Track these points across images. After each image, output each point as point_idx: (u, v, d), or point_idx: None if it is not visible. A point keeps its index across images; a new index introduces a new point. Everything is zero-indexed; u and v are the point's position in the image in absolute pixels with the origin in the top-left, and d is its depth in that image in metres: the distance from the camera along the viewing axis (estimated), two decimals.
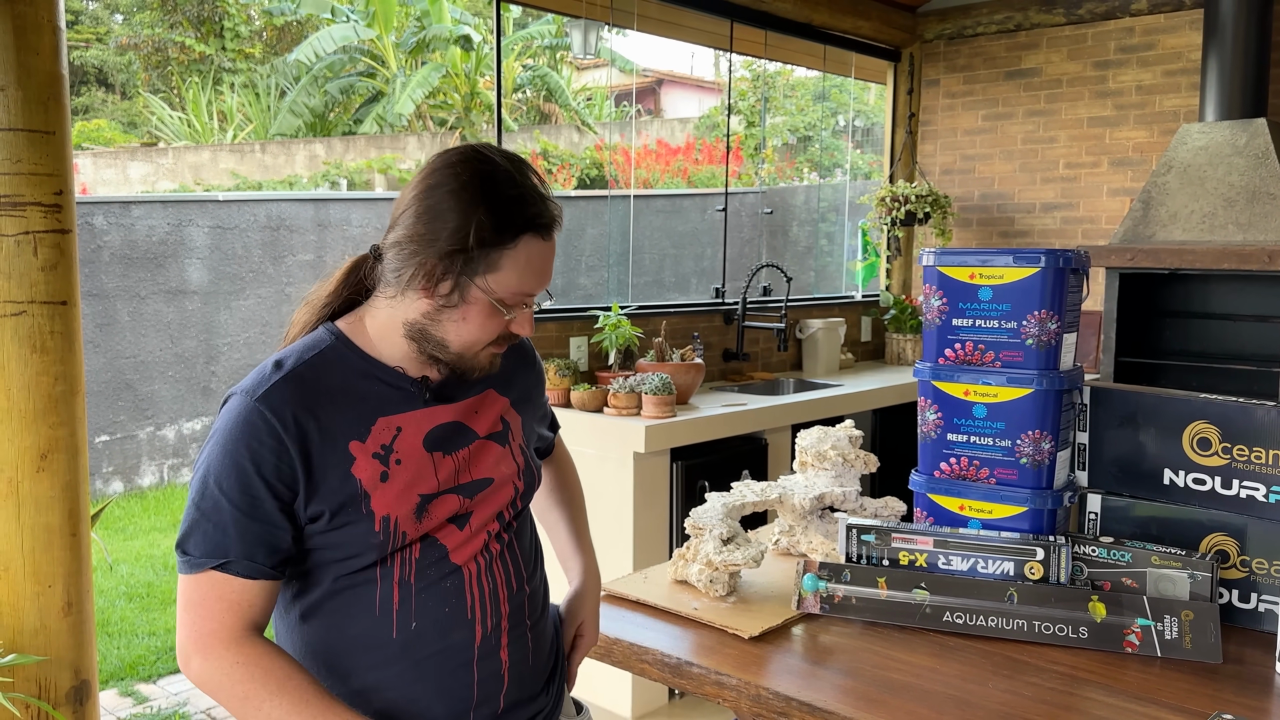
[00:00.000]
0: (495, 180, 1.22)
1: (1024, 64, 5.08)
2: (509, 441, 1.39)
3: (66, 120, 2.32)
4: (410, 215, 1.23)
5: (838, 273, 7.92)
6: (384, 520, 1.23)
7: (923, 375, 1.86)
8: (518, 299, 1.26)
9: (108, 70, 16.41)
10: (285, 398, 1.21)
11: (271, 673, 1.18)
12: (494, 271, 1.22)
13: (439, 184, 1.22)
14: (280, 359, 1.26)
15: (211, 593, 1.19)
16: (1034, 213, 5.10)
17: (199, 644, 1.19)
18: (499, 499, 1.35)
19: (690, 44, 4.64)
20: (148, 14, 15.19)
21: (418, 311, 1.25)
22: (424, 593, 1.26)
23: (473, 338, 1.26)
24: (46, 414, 2.30)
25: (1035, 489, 1.75)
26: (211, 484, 1.19)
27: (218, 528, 1.18)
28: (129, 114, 15.59)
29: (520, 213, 1.22)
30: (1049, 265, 1.72)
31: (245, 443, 1.18)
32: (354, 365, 1.27)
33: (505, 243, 1.21)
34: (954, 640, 1.62)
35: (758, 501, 1.99)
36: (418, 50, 13.12)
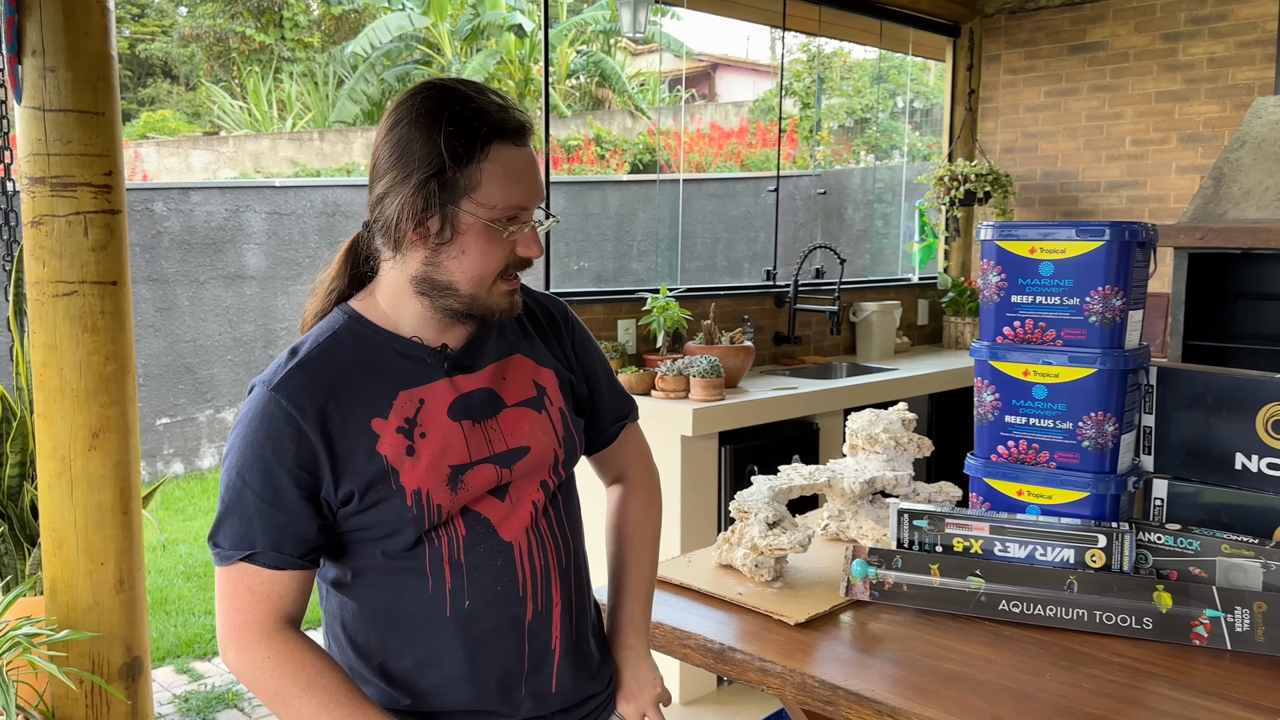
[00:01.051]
0: (450, 98, 1.17)
1: (1089, 37, 4.92)
2: (545, 406, 1.34)
3: (116, 101, 2.33)
4: (383, 164, 1.19)
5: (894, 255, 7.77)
6: (415, 494, 1.20)
7: (980, 354, 1.79)
8: (511, 214, 1.20)
9: (172, 62, 16.72)
10: (301, 384, 1.19)
11: (303, 668, 1.17)
12: (475, 189, 1.17)
13: (398, 120, 1.19)
14: (296, 345, 1.24)
15: (241, 584, 1.18)
16: (1099, 191, 4.94)
17: (233, 636, 1.19)
18: (540, 468, 1.31)
19: (743, 21, 4.55)
20: (210, 5, 15.43)
21: (418, 261, 1.21)
22: (475, 570, 1.24)
23: (478, 270, 1.21)
24: (98, 393, 2.32)
25: (1098, 473, 1.68)
26: (235, 476, 1.18)
27: (243, 519, 1.17)
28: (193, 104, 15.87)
29: (483, 121, 1.17)
30: (1114, 238, 1.64)
31: (265, 433, 1.17)
32: (369, 340, 1.24)
33: (476, 156, 1.16)
34: (1010, 630, 1.56)
35: (805, 485, 1.93)
36: (472, 37, 13.16)
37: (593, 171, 10.95)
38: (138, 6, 17.94)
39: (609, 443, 1.49)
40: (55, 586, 2.36)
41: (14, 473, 2.69)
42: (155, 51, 16.64)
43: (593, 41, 14.41)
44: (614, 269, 8.29)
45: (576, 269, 8.15)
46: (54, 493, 2.33)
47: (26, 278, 2.31)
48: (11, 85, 2.24)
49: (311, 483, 1.18)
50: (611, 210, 8.52)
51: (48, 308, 2.28)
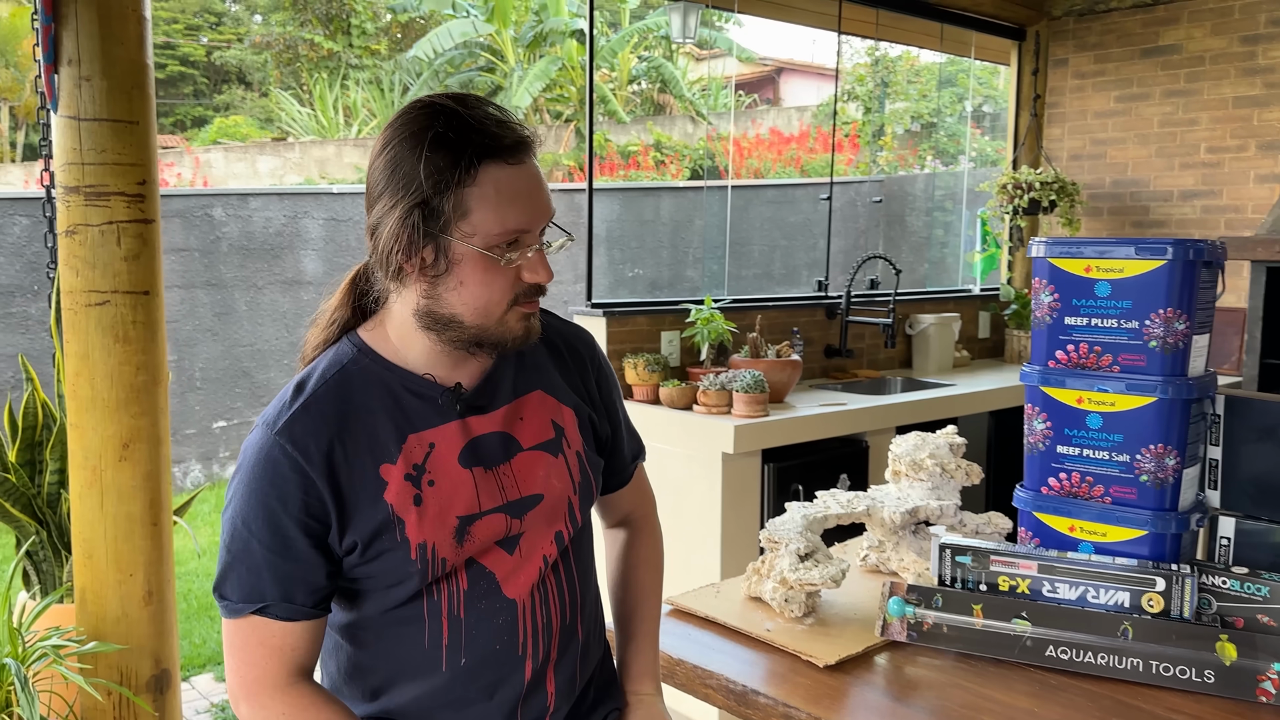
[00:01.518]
0: (436, 117, 1.08)
1: (1162, 40, 4.71)
2: (562, 449, 1.26)
3: (151, 110, 2.32)
4: (374, 191, 1.11)
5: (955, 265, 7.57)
6: (420, 548, 1.13)
7: (1030, 380, 1.67)
8: (509, 239, 1.10)
9: (246, 69, 17.08)
10: (307, 428, 1.11)
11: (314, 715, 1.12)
12: (465, 217, 1.08)
13: (387, 142, 1.10)
14: (302, 380, 1.17)
15: (253, 638, 1.13)
16: (1171, 201, 4.73)
17: (245, 691, 1.14)
18: (554, 517, 1.23)
19: (798, 25, 4.44)
20: (281, 14, 15.73)
21: (418, 295, 1.13)
22: (474, 629, 1.17)
23: (480, 302, 1.12)
24: (129, 404, 2.31)
25: (1157, 510, 1.55)
26: (240, 525, 1.12)
27: (251, 571, 1.12)
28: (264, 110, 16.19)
29: (470, 141, 1.07)
30: (1177, 257, 1.52)
31: (269, 480, 1.10)
32: (378, 378, 1.17)
33: (464, 180, 1.07)
34: (1057, 679, 1.44)
35: (842, 514, 1.83)
36: (535, 44, 13.20)
37: (649, 178, 10.89)
38: (215, 15, 18.38)
39: (624, 483, 1.43)
40: (85, 597, 2.35)
41: (54, 480, 2.70)
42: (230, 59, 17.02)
43: (655, 47, 14.36)
44: (669, 276, 8.20)
45: (631, 276, 8.08)
46: (85, 503, 2.32)
47: (61, 286, 2.30)
48: (48, 94, 2.24)
49: (320, 530, 1.12)
50: (665, 217, 8.45)
51: (80, 317, 2.28)
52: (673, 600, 1.73)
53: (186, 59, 17.36)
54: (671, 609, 1.71)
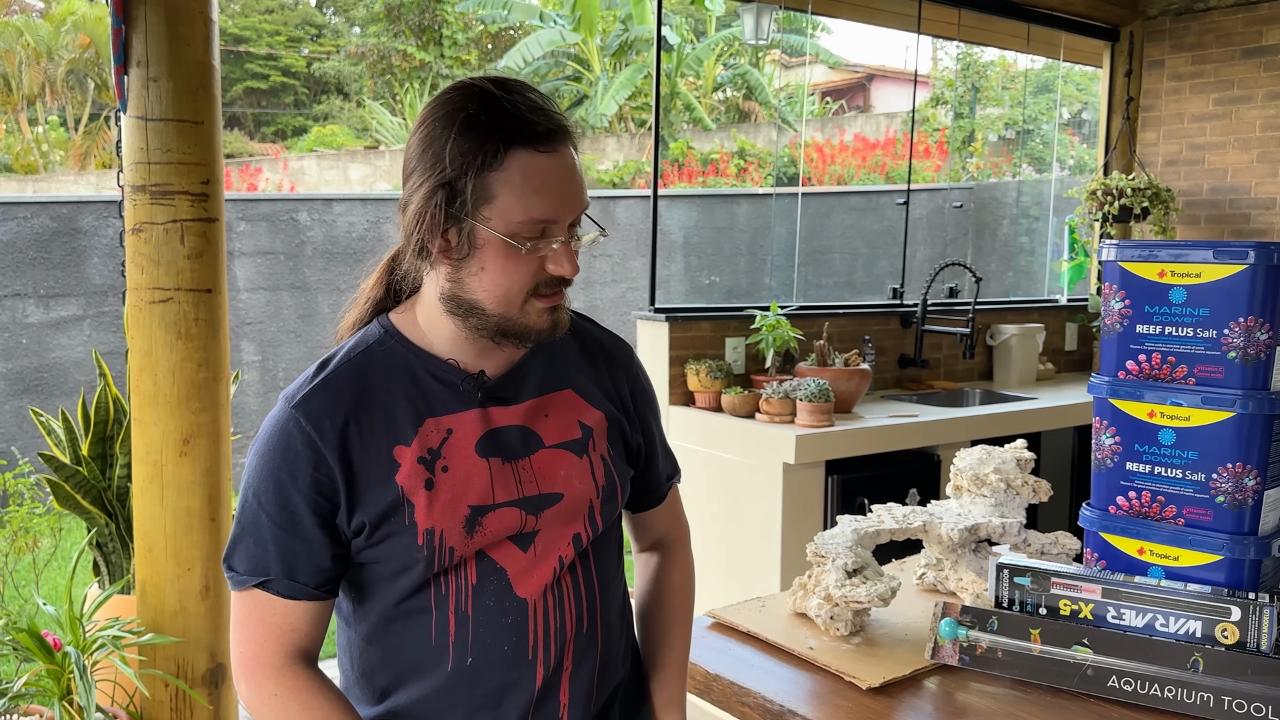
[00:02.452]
0: (470, 99, 1.06)
1: (1265, 40, 4.48)
2: (588, 451, 1.22)
3: (216, 110, 2.35)
4: (407, 169, 1.10)
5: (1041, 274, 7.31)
6: (428, 533, 1.10)
7: (1098, 392, 1.58)
8: (532, 229, 1.07)
9: (343, 79, 17.55)
10: (323, 403, 1.10)
11: (309, 709, 1.10)
12: (490, 202, 1.05)
13: (422, 121, 1.09)
14: (326, 358, 1.17)
15: (254, 613, 1.12)
16: (1274, 209, 4.48)
17: (243, 668, 1.13)
18: (573, 518, 1.19)
19: (876, 26, 4.34)
20: (377, 25, 16.11)
21: (443, 278, 1.11)
22: (482, 627, 1.14)
23: (501, 289, 1.09)
24: (190, 400, 2.34)
25: (1234, 534, 1.44)
26: (251, 498, 1.11)
27: (258, 544, 1.11)
28: (360, 120, 16.59)
29: (501, 126, 1.04)
30: (1259, 261, 1.41)
31: (282, 454, 1.10)
32: (402, 360, 1.15)
33: (490, 164, 1.04)
34: (1119, 712, 1.35)
35: (897, 529, 1.75)
36: (620, 53, 13.25)
37: (729, 185, 10.81)
38: (315, 27, 18.93)
39: (658, 502, 1.38)
40: (145, 589, 2.39)
41: (123, 474, 2.76)
42: (329, 70, 17.50)
43: (741, 55, 14.29)
44: (746, 284, 8.12)
45: (707, 284, 8.02)
46: (146, 496, 2.36)
47: (127, 284, 2.35)
48: (118, 95, 2.29)
49: (328, 508, 1.10)
50: (742, 224, 8.36)
51: (144, 314, 2.32)
52: (715, 613, 1.67)
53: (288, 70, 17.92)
54: (713, 622, 1.65)
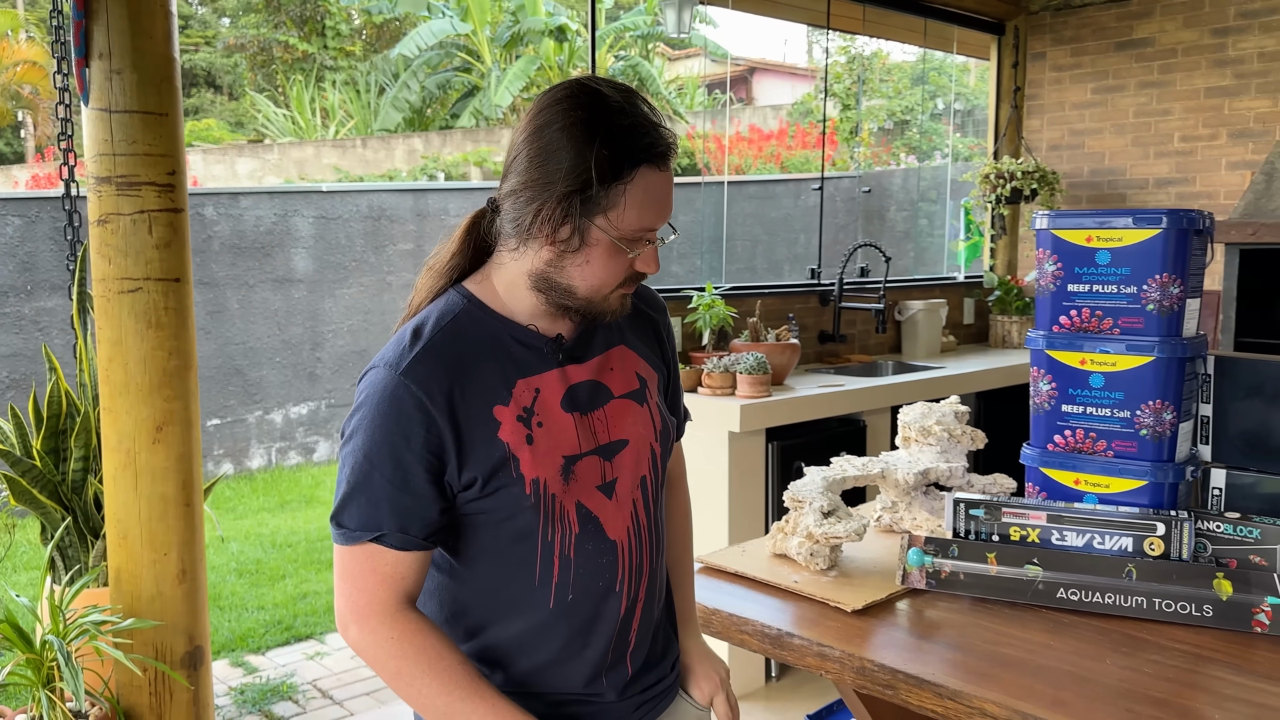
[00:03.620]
0: (606, 113, 1.16)
1: (1136, 34, 4.87)
2: (647, 399, 1.35)
3: (178, 102, 2.39)
4: (523, 160, 1.18)
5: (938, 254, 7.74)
6: (534, 483, 1.22)
7: (1035, 344, 1.79)
8: (640, 235, 1.20)
9: (215, 72, 17.01)
10: (430, 370, 1.19)
11: (424, 650, 1.19)
12: (613, 209, 1.17)
13: (548, 123, 1.16)
14: (418, 326, 1.23)
15: (366, 565, 1.19)
16: (1147, 188, 4.89)
17: (355, 614, 1.20)
18: (640, 463, 1.32)
19: (787, 21, 4.56)
20: (253, 16, 15.69)
21: (541, 260, 1.21)
22: (582, 568, 1.26)
23: (598, 280, 1.21)
24: (162, 388, 2.38)
25: (1156, 462, 1.67)
26: (363, 458, 1.18)
27: (370, 501, 1.18)
28: (236, 113, 16.15)
29: (635, 144, 1.16)
30: (1171, 226, 1.64)
31: (395, 418, 1.17)
32: (489, 327, 1.25)
33: (622, 177, 1.15)
34: (1068, 617, 1.56)
35: (859, 476, 1.94)
36: (512, 44, 13.26)
37: None
38: (181, 18, 18.28)
39: (678, 438, 1.51)
40: (120, 576, 2.42)
41: (78, 467, 2.76)
42: (199, 62, 16.94)
43: (631, 47, 14.47)
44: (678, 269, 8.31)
45: None
46: (119, 485, 2.39)
47: (93, 274, 2.37)
48: (80, 87, 2.31)
49: (438, 466, 1.19)
50: None
51: (113, 304, 2.35)
52: (702, 559, 1.83)
53: None
54: (702, 566, 1.81)
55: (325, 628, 4.10)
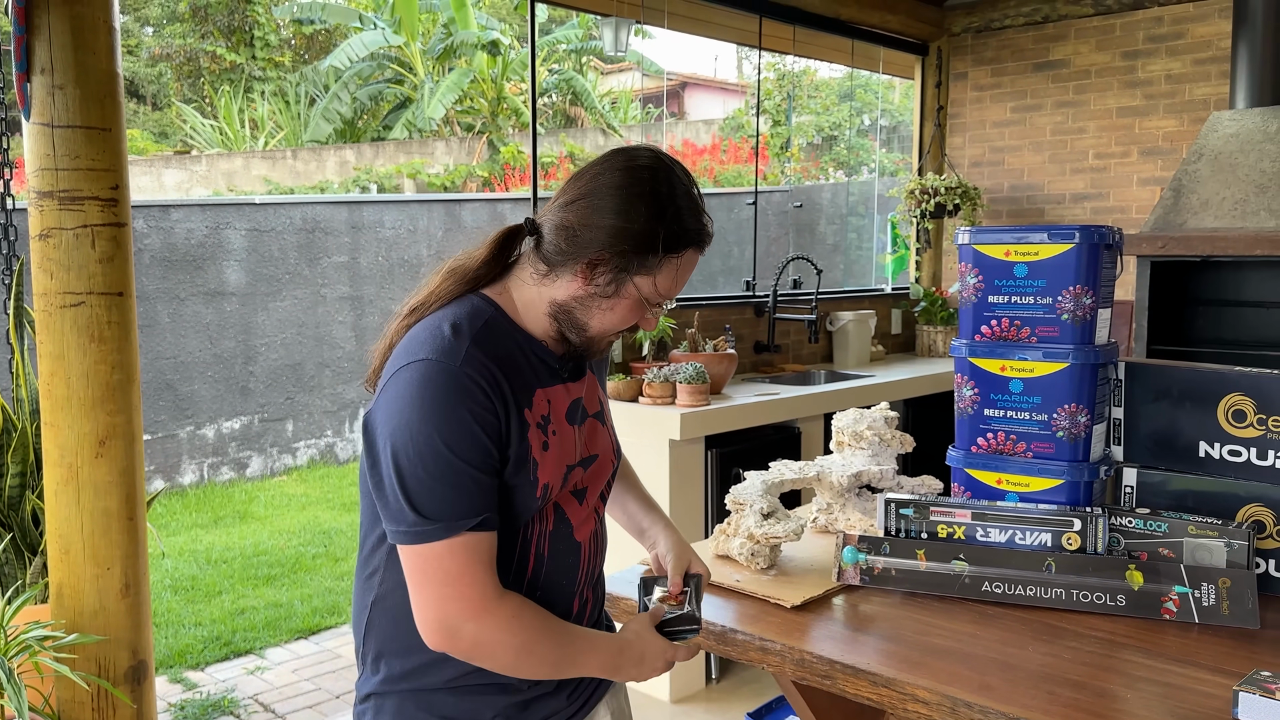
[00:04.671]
0: (682, 193, 1.30)
1: (1052, 55, 5.09)
2: (606, 420, 1.48)
3: (121, 117, 2.40)
4: (584, 206, 1.28)
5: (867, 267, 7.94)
6: (544, 488, 1.29)
7: (959, 352, 1.89)
8: (661, 300, 1.34)
9: (139, 81, 16.66)
10: (483, 362, 1.23)
11: (536, 615, 1.26)
12: (656, 274, 1.30)
13: (628, 184, 1.27)
14: (455, 323, 1.26)
15: (468, 556, 1.20)
16: (1064, 203, 5.10)
17: (470, 611, 1.21)
18: (604, 475, 1.43)
19: (720, 41, 4.68)
20: (179, 25, 15.42)
21: (568, 294, 1.30)
22: (551, 563, 1.34)
23: (612, 326, 1.33)
24: (105, 401, 2.37)
25: (1072, 461, 1.78)
26: (442, 448, 1.18)
27: (459, 490, 1.19)
28: (160, 124, 15.83)
29: (694, 228, 1.30)
30: (1084, 241, 1.75)
31: (465, 405, 1.19)
32: (513, 336, 1.32)
33: (675, 252, 1.30)
34: (993, 609, 1.65)
35: (796, 479, 2.03)
36: (445, 56, 13.25)
37: None
38: None
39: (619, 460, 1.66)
40: (62, 591, 2.40)
41: (15, 483, 2.73)
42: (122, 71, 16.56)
43: (564, 60, 14.55)
44: None
45: None
46: (61, 499, 2.38)
47: (34, 289, 2.36)
48: (20, 102, 2.31)
49: (501, 452, 1.24)
50: None
51: (55, 318, 2.34)
52: (647, 561, 1.89)
53: None
54: (645, 572, 1.88)
55: (264, 642, 4.07)
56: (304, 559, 5.26)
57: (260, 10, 14.63)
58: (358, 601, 1.39)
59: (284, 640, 4.11)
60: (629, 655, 1.35)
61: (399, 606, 1.31)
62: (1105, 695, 1.34)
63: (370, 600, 1.35)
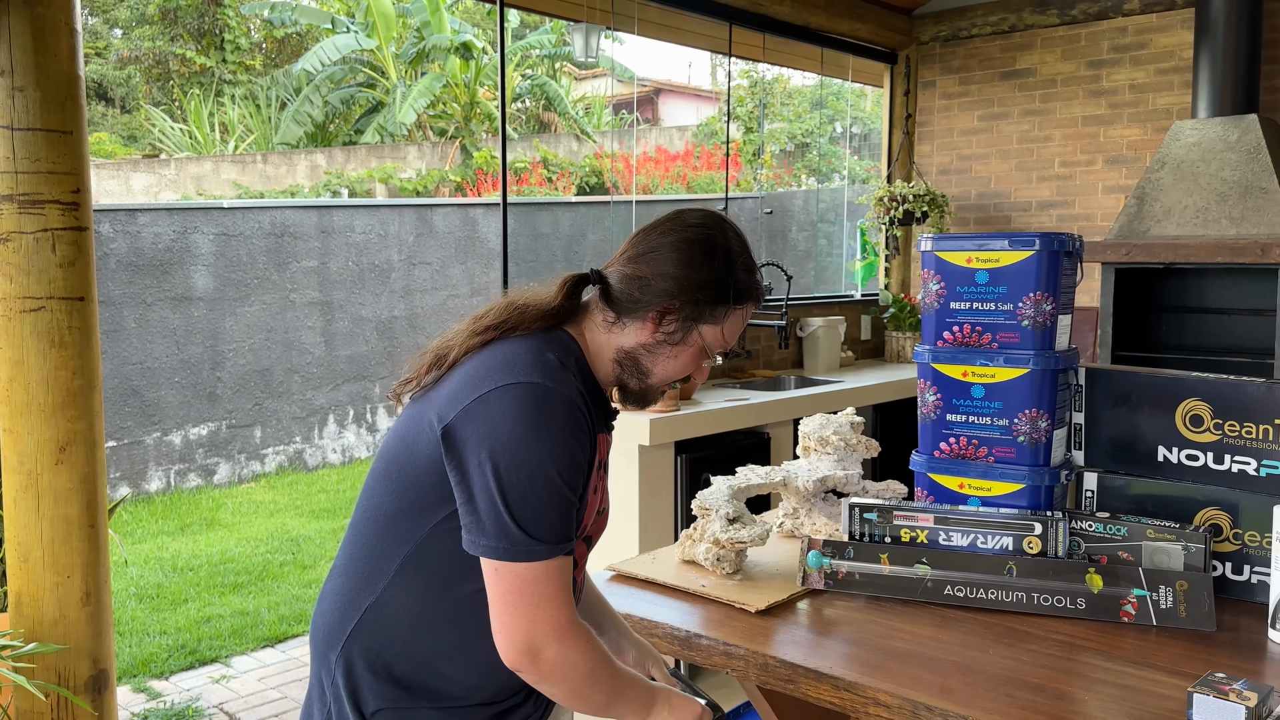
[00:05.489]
0: (741, 249, 1.40)
1: (1019, 64, 5.15)
2: (606, 478, 1.50)
3: (83, 120, 2.37)
4: (657, 258, 1.34)
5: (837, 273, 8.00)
6: (583, 529, 1.33)
7: (922, 358, 1.90)
8: (719, 349, 1.41)
9: (107, 84, 16.50)
10: (581, 395, 1.28)
11: (601, 646, 1.29)
12: (721, 324, 1.38)
13: (694, 240, 1.35)
14: (557, 357, 1.30)
15: (559, 579, 1.24)
16: (1030, 211, 5.16)
17: (556, 633, 1.23)
18: (603, 526, 1.47)
19: (689, 48, 4.70)
20: (148, 28, 15.28)
21: (636, 341, 1.36)
22: None
23: (672, 373, 1.40)
24: (65, 407, 2.35)
25: (1033, 466, 1.80)
26: (554, 473, 1.22)
27: (560, 514, 1.23)
28: (129, 127, 15.68)
29: (752, 283, 1.41)
30: (1044, 248, 1.77)
31: (575, 434, 1.24)
32: (590, 378, 1.36)
33: (738, 304, 1.39)
34: (955, 612, 1.67)
35: (762, 484, 2.03)
36: (418, 60, 13.21)
37: (541, 193, 11.04)
38: None
39: None
40: (20, 600, 2.37)
41: None
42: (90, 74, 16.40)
43: (537, 66, 14.54)
44: None
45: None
46: (20, 507, 2.35)
47: None
48: None
49: None
50: (562, 231, 8.62)
51: (15, 323, 2.31)
52: (613, 567, 1.90)
53: None
54: (613, 574, 1.88)
55: (230, 650, 4.03)
56: (271, 566, 5.22)
57: (231, 13, 14.52)
58: (343, 601, 1.35)
59: (250, 649, 4.07)
60: (664, 703, 1.37)
61: (401, 618, 1.31)
62: (1064, 698, 1.36)
63: (367, 603, 1.33)
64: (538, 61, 14.39)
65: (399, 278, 7.78)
